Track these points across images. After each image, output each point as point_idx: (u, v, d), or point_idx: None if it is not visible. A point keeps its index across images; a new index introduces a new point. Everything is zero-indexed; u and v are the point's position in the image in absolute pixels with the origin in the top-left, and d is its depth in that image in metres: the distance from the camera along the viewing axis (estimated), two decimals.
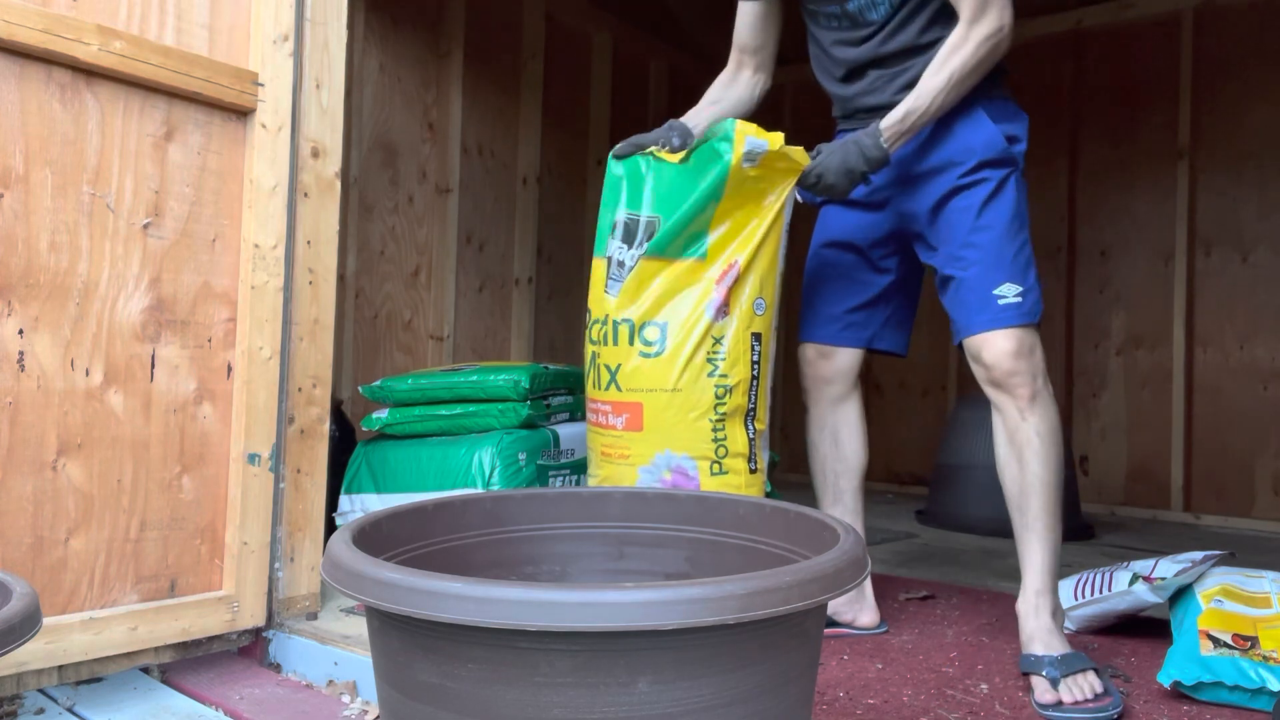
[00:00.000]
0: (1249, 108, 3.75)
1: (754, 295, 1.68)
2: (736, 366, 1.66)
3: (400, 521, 1.13)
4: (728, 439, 1.66)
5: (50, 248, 1.47)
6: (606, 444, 1.70)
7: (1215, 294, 3.83)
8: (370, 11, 3.20)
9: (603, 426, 1.70)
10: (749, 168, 1.62)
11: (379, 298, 3.26)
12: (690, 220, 1.63)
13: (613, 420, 1.68)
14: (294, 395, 1.79)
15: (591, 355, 1.74)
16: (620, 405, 1.67)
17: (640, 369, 1.65)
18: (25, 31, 1.40)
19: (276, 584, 1.78)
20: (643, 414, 1.65)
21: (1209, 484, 3.81)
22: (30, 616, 0.88)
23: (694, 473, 1.65)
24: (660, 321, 1.65)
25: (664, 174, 1.67)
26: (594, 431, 1.74)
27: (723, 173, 1.61)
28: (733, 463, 1.67)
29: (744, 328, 1.66)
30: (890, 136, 1.65)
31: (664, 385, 1.64)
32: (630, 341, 1.66)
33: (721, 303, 1.64)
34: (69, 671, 1.51)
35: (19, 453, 1.44)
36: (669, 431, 1.64)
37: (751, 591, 0.80)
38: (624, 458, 1.67)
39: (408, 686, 0.88)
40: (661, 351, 1.64)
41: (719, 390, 1.64)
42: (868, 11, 1.76)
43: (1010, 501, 1.71)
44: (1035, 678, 1.58)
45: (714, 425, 1.65)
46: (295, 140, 1.79)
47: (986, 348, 1.68)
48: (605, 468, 1.71)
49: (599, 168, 4.14)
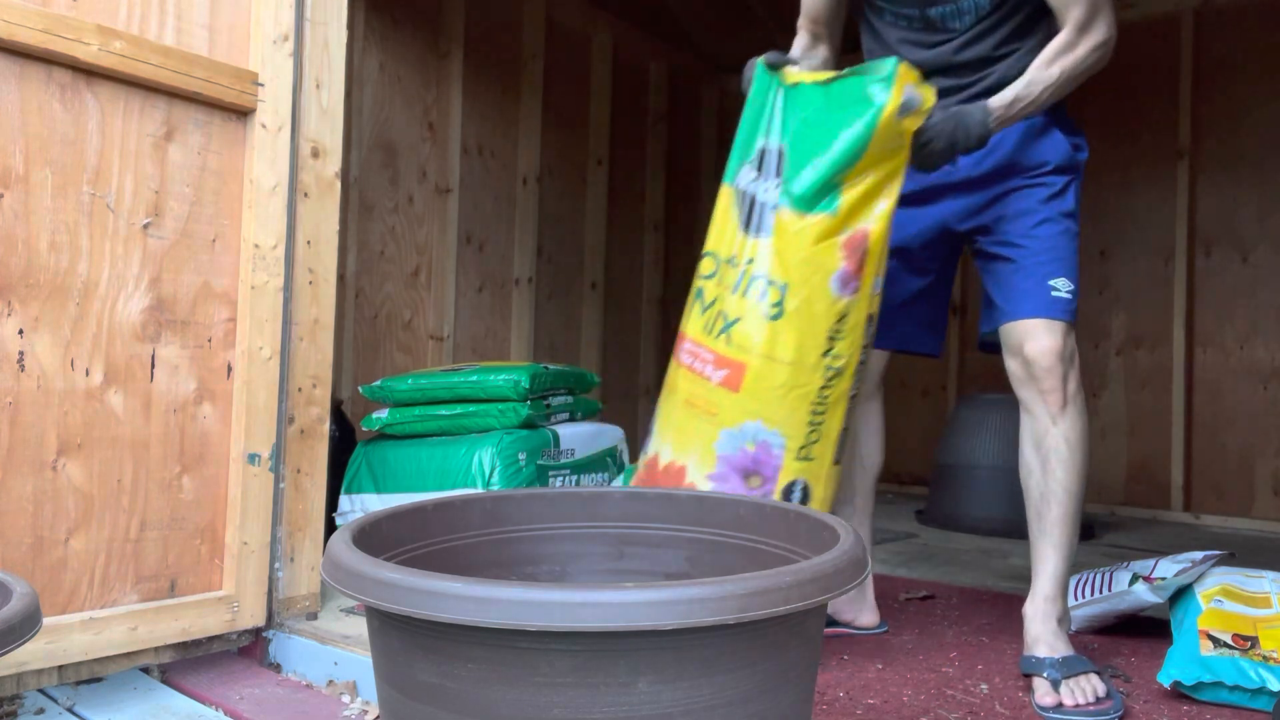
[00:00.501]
0: (1249, 108, 3.75)
1: (876, 271, 1.53)
2: (851, 349, 1.52)
3: (400, 521, 1.13)
4: (824, 425, 1.52)
5: (50, 248, 1.47)
6: (695, 393, 1.54)
7: (1215, 294, 3.83)
8: (370, 11, 3.20)
9: (696, 372, 1.55)
10: (901, 120, 1.47)
11: (379, 298, 3.27)
12: (836, 171, 1.47)
13: (711, 371, 1.52)
14: (294, 395, 1.79)
15: (699, 291, 1.59)
16: (724, 360, 1.51)
17: (757, 329, 1.49)
18: (25, 31, 1.40)
19: (276, 584, 1.78)
20: (744, 376, 1.49)
21: (1209, 484, 3.81)
22: (30, 616, 0.88)
23: (778, 452, 1.51)
24: (785, 283, 1.49)
25: (805, 104, 1.52)
26: (682, 373, 1.58)
27: (874, 120, 1.45)
28: (821, 450, 1.54)
29: (865, 308, 1.53)
30: (997, 119, 1.59)
31: (777, 355, 1.49)
32: (759, 296, 1.49)
33: (849, 275, 1.49)
34: (69, 671, 1.51)
35: (19, 453, 1.44)
36: (767, 402, 1.49)
37: (751, 591, 0.80)
38: (710, 414, 1.52)
39: (408, 686, 0.88)
40: (781, 316, 1.48)
41: (829, 373, 1.51)
42: (950, 20, 1.70)
43: (1030, 505, 1.69)
44: (1036, 679, 1.57)
45: (814, 408, 1.51)
46: (295, 140, 1.79)
47: (1030, 340, 1.63)
48: (681, 416, 1.55)
49: (599, 168, 4.15)
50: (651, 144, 4.50)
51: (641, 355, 4.48)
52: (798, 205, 1.48)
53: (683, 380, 1.57)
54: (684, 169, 4.75)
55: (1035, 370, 1.64)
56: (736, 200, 1.56)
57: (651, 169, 4.51)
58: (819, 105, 1.52)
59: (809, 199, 1.48)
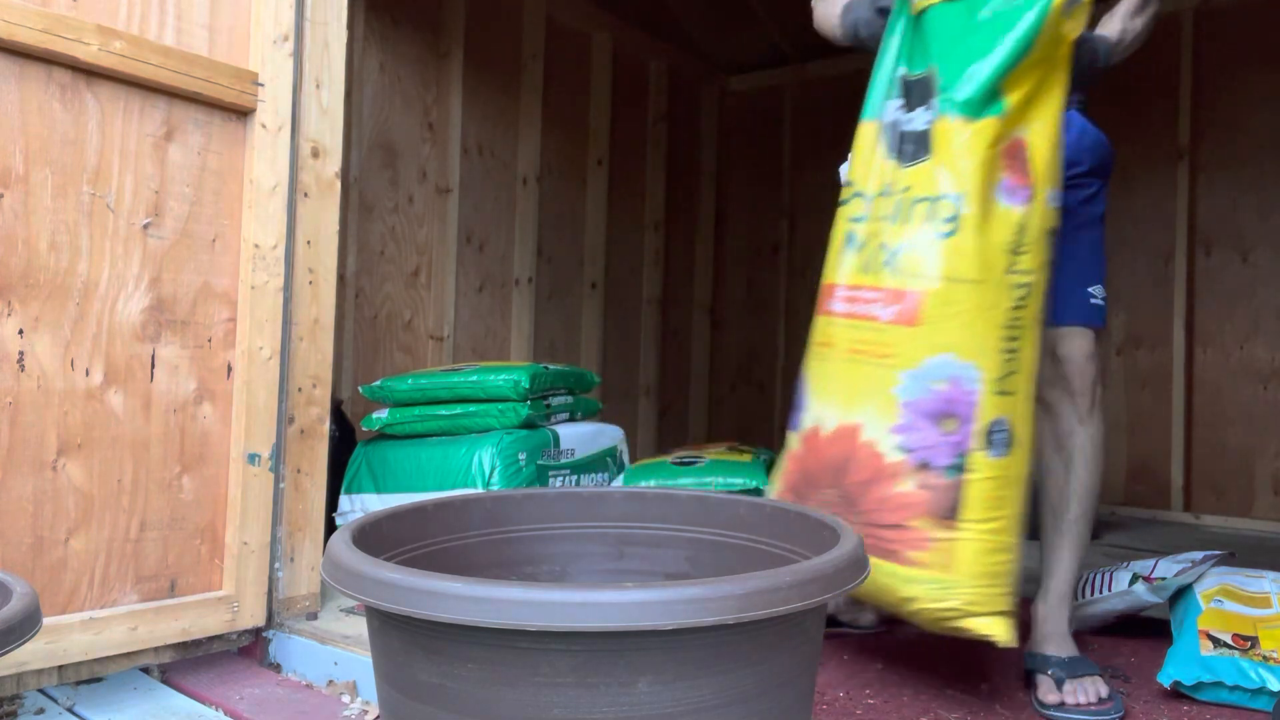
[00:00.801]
0: (1249, 108, 3.75)
1: (1049, 182, 1.41)
2: (1036, 265, 1.39)
3: (400, 521, 1.13)
4: (1019, 354, 1.38)
5: (50, 248, 1.47)
6: (861, 339, 1.41)
7: (1215, 294, 3.83)
8: (370, 11, 3.20)
9: (858, 317, 1.42)
10: (1065, 18, 1.38)
11: (379, 298, 3.27)
12: (1002, 73, 1.38)
13: (879, 310, 1.39)
14: (294, 395, 1.79)
15: (849, 235, 1.49)
16: (895, 293, 1.38)
17: (930, 251, 1.37)
18: (25, 31, 1.40)
19: (276, 584, 1.78)
20: (921, 305, 1.36)
21: (1209, 484, 3.81)
22: (30, 616, 0.88)
23: (974, 386, 1.35)
24: (956, 194, 1.37)
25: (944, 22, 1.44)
26: (839, 323, 1.46)
27: (1040, 16, 1.36)
28: (1019, 384, 1.39)
29: (1043, 219, 1.41)
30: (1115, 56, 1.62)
31: (960, 274, 1.36)
32: (927, 217, 1.37)
33: (1015, 185, 1.39)
34: (69, 671, 1.51)
35: (19, 453, 1.44)
36: (952, 331, 1.35)
37: (751, 591, 0.80)
38: (884, 358, 1.38)
39: (408, 686, 0.88)
40: (956, 231, 1.35)
41: (1018, 291, 1.37)
42: None
43: (1047, 505, 1.69)
44: (1040, 676, 1.57)
45: (1007, 334, 1.36)
46: (295, 140, 1.79)
47: (1065, 342, 1.64)
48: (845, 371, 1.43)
49: (599, 168, 4.15)
50: (651, 144, 4.50)
51: (641, 355, 4.48)
52: (965, 110, 1.39)
53: (841, 331, 1.45)
54: (684, 169, 4.75)
55: (1068, 372, 1.65)
56: (882, 133, 1.48)
57: (651, 169, 4.50)
58: (962, 17, 1.43)
59: (976, 103, 1.38)
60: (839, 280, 1.49)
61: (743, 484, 2.55)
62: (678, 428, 4.76)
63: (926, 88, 1.43)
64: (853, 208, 1.49)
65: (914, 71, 1.46)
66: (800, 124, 4.90)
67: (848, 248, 1.49)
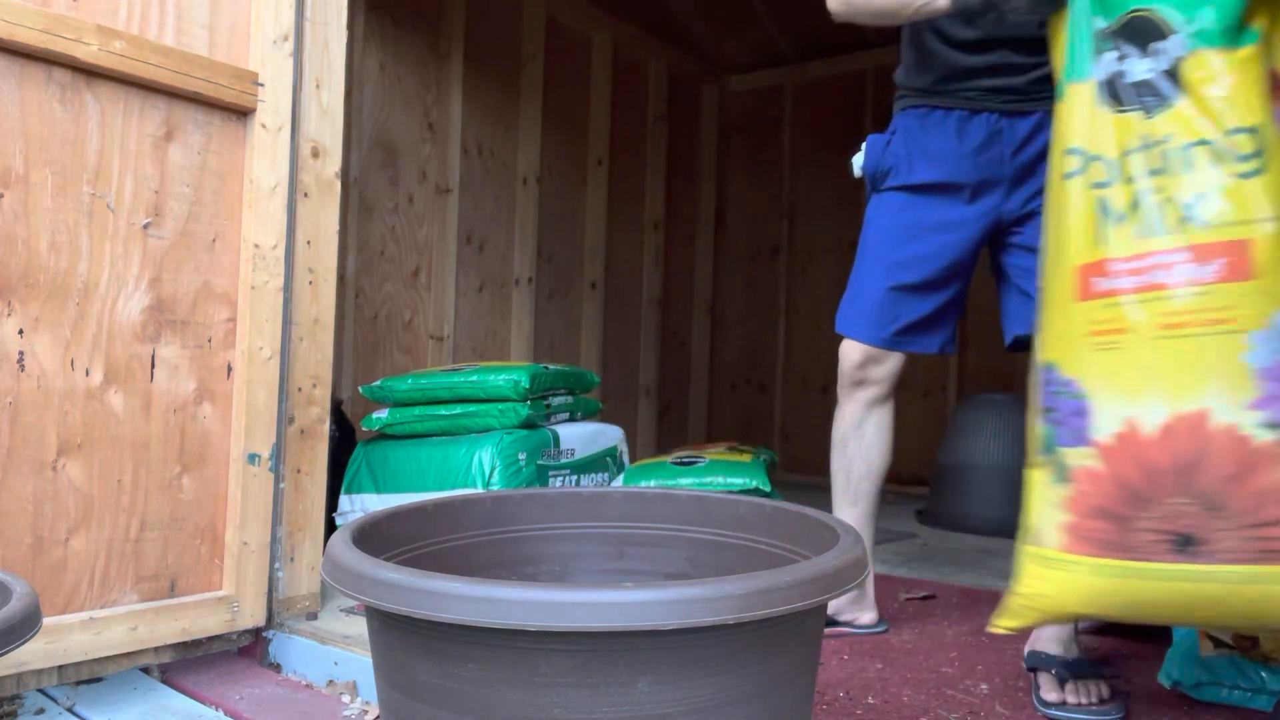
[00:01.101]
0: None
1: None
2: None
3: (400, 521, 1.13)
4: None
5: (50, 248, 1.47)
6: (1174, 311, 1.23)
7: None
8: (370, 11, 3.20)
9: (1164, 286, 1.24)
10: None
11: (379, 298, 3.27)
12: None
13: (1193, 274, 1.21)
14: (294, 395, 1.79)
15: (1099, 203, 1.31)
16: (1210, 248, 1.20)
17: (1238, 193, 1.20)
18: (25, 31, 1.40)
19: (276, 584, 1.78)
20: (1252, 253, 1.18)
21: None
22: (30, 616, 0.88)
23: None
24: (1254, 125, 1.22)
25: None
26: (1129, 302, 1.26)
27: None
28: None
29: None
30: None
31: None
32: (1214, 160, 1.22)
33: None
34: (69, 671, 1.51)
35: (19, 453, 1.44)
36: None
37: (751, 591, 0.80)
38: (1216, 323, 1.20)
39: (408, 686, 0.88)
40: (1262, 169, 1.20)
41: None
42: None
43: None
44: (1043, 674, 1.57)
45: None
46: (295, 140, 1.79)
47: None
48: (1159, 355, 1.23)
49: (599, 167, 4.15)
50: (651, 144, 4.50)
51: (641, 355, 4.48)
52: (1221, 41, 1.25)
53: (1142, 311, 1.26)
54: (684, 169, 4.75)
55: None
56: (1100, 91, 1.34)
57: (651, 169, 4.51)
58: None
59: (1231, 32, 1.25)
60: (1109, 254, 1.29)
61: (743, 484, 2.55)
62: (678, 428, 4.77)
63: (1147, 31, 1.30)
64: (1093, 173, 1.32)
65: (1112, 19, 1.33)
66: (800, 124, 4.90)
67: (1105, 217, 1.31)
